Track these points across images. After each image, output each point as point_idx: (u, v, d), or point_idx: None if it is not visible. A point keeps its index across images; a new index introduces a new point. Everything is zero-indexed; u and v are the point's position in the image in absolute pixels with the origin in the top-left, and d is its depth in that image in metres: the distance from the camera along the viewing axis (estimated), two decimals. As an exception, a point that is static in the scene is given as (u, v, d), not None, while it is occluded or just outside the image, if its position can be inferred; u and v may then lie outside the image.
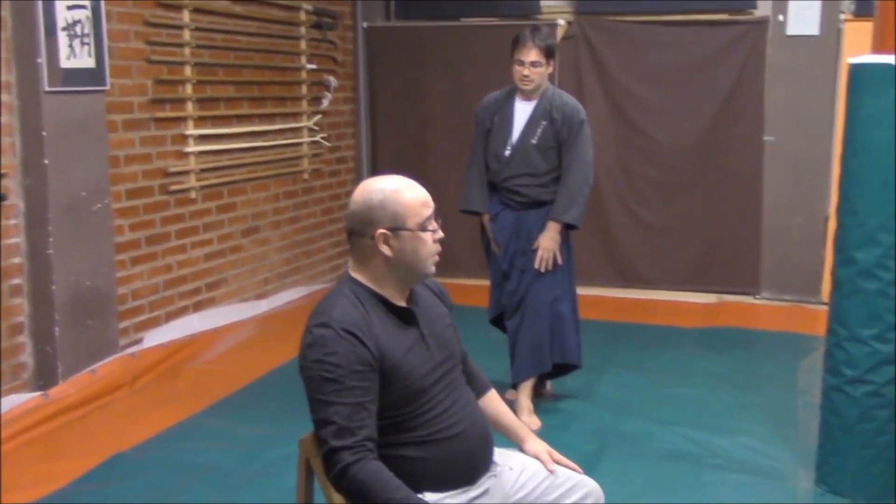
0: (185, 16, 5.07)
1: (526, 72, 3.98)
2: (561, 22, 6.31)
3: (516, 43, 4.00)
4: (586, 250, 5.96)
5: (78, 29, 4.25)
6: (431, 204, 2.13)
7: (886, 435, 3.25)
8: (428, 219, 2.11)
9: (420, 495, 2.03)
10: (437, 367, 2.14)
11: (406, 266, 2.11)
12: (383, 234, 2.07)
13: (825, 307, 3.46)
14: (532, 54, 3.95)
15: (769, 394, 4.50)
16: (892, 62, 3.07)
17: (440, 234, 2.15)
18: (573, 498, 2.29)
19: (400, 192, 2.09)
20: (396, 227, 2.07)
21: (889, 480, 3.32)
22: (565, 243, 4.11)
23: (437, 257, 2.16)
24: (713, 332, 5.57)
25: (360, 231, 2.10)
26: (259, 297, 5.84)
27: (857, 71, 3.17)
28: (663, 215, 6.38)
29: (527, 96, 4.06)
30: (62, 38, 4.17)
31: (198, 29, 5.16)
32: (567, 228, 4.08)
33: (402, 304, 2.15)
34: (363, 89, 6.85)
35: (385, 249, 2.08)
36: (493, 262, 4.28)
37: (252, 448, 3.83)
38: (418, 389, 2.08)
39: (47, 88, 4.12)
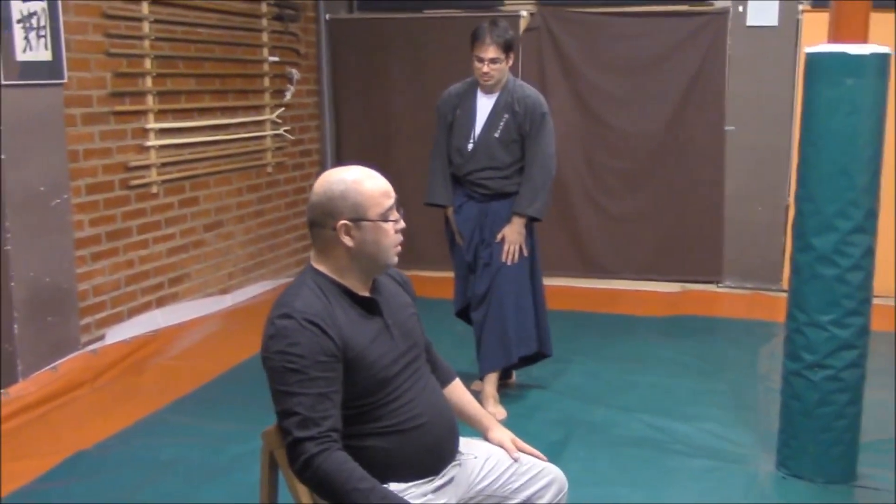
0: (144, 8, 5.00)
1: (486, 69, 3.96)
2: (524, 13, 6.32)
3: (475, 39, 3.97)
4: (550, 240, 5.98)
5: (34, 21, 4.18)
6: (392, 194, 2.13)
7: (845, 418, 3.31)
8: (389, 209, 2.10)
9: (385, 485, 2.03)
10: (401, 356, 2.14)
11: (368, 257, 2.10)
12: (345, 224, 2.07)
13: (786, 294, 3.51)
14: (491, 51, 3.93)
15: (731, 380, 4.55)
16: (848, 51, 3.11)
17: (402, 224, 2.15)
18: (537, 485, 2.30)
19: (361, 182, 2.09)
20: (358, 218, 2.07)
21: (848, 463, 3.38)
22: (529, 235, 4.13)
23: (399, 247, 2.15)
24: (676, 321, 5.62)
25: (322, 222, 2.09)
26: (223, 291, 5.80)
27: (813, 60, 3.21)
28: (626, 205, 6.43)
29: (488, 90, 4.06)
30: (18, 30, 4.10)
31: (157, 21, 5.10)
32: (531, 221, 4.09)
33: (366, 294, 2.15)
34: (326, 82, 6.81)
35: (347, 240, 2.08)
36: (456, 254, 4.28)
37: (217, 443, 3.81)
38: (383, 379, 2.08)
39: (3, 82, 4.05)
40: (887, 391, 4.21)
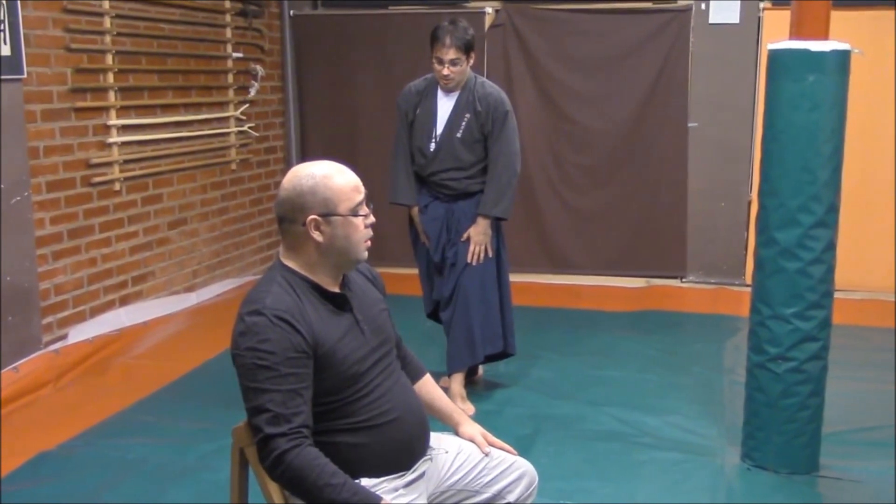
0: (106, 3, 4.93)
1: (446, 71, 3.94)
2: (489, 10, 6.34)
3: (434, 40, 3.94)
4: (516, 236, 6.00)
5: (-8, 16, 4.11)
6: (362, 189, 2.12)
7: (808, 409, 3.36)
8: (359, 204, 2.10)
9: (356, 481, 2.02)
10: (372, 352, 2.14)
11: (338, 252, 2.10)
12: (314, 220, 2.06)
13: (748, 289, 3.55)
14: (451, 52, 3.90)
15: (697, 373, 4.60)
16: (809, 48, 3.16)
17: (372, 218, 2.14)
18: (508, 479, 2.31)
19: (330, 177, 2.08)
20: (328, 213, 2.06)
21: (811, 453, 3.44)
22: (496, 234, 4.13)
23: (369, 242, 2.15)
24: (642, 315, 5.67)
25: (291, 218, 2.08)
26: (188, 289, 5.74)
27: (775, 56, 3.26)
28: (591, 201, 6.47)
29: (449, 90, 4.04)
30: (-25, 25, 4.03)
31: (119, 16, 5.03)
32: (497, 220, 4.09)
33: (336, 289, 2.14)
34: (291, 78, 6.77)
35: (317, 236, 2.07)
36: (420, 255, 4.27)
37: (184, 442, 3.77)
38: (353, 375, 2.08)
39: (-39, 77, 3.98)
40: (848, 383, 4.28)
